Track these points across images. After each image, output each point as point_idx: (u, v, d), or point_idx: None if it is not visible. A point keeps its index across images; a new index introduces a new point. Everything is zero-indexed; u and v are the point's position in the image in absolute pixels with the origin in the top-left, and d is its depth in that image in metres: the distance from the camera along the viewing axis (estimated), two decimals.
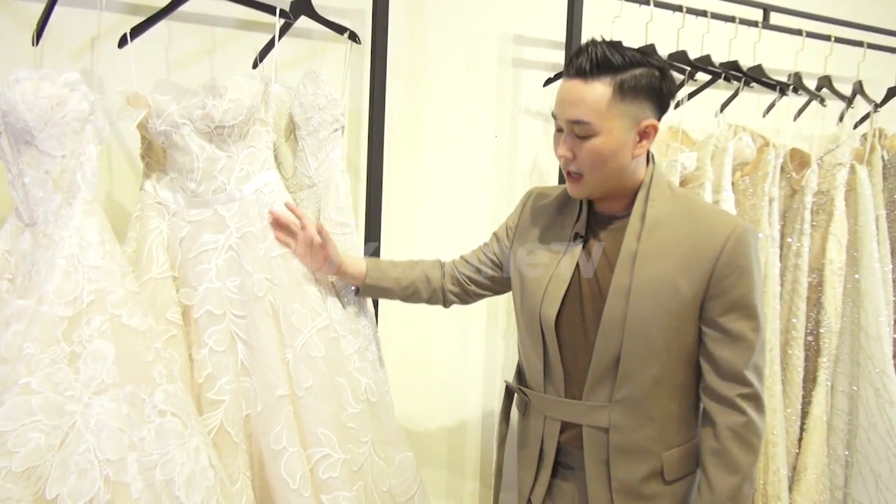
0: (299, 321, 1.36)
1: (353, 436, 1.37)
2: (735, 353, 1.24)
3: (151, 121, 1.36)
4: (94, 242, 1.21)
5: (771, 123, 2.45)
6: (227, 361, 1.35)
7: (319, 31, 1.81)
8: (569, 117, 1.24)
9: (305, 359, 1.34)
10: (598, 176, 1.26)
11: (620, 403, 1.27)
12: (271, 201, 1.43)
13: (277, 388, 1.33)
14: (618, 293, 1.25)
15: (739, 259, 1.23)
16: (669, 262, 1.24)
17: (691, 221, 1.26)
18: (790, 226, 2.27)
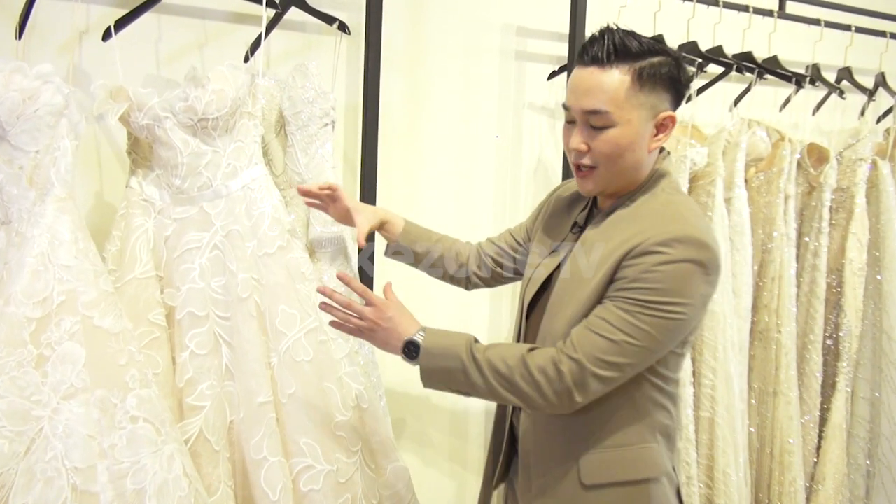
0: (284, 324, 1.30)
1: (343, 445, 1.31)
2: (588, 319, 1.13)
3: (133, 114, 1.32)
4: (66, 241, 1.16)
5: (789, 118, 2.36)
6: (209, 365, 1.31)
7: (314, 24, 1.77)
8: (585, 107, 1.16)
9: (290, 364, 1.29)
10: (612, 169, 1.18)
11: None
12: (259, 197, 1.38)
13: (259, 394, 1.27)
14: (553, 279, 1.24)
15: (655, 248, 1.10)
16: (597, 254, 1.17)
17: (643, 218, 1.17)
18: (808, 224, 2.18)
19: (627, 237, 1.14)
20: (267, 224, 1.36)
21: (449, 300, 2.07)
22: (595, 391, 1.13)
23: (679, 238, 1.11)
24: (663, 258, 1.10)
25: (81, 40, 1.60)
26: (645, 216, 1.17)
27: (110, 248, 1.35)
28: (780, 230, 2.02)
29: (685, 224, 1.14)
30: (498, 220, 2.15)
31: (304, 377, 1.29)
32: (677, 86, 1.18)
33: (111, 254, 1.35)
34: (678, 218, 1.16)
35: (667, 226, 1.13)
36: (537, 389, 1.12)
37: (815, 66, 2.23)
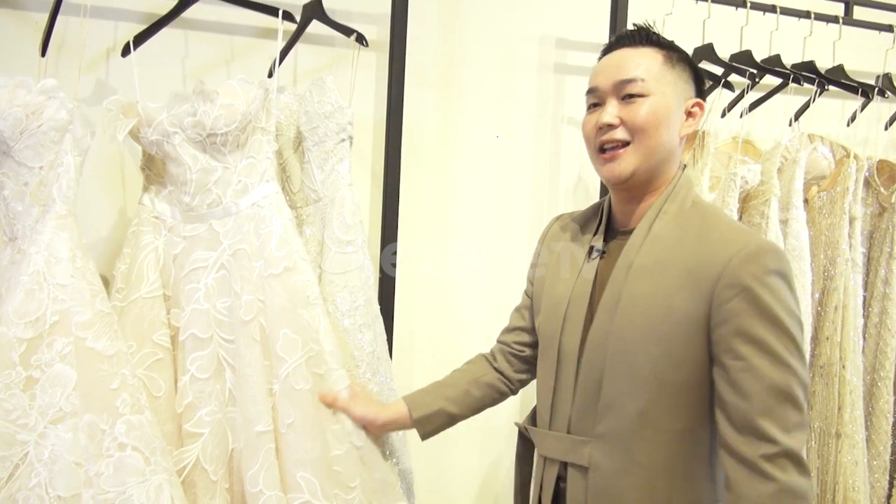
0: (285, 349, 1.24)
1: (340, 481, 1.22)
2: (743, 398, 1.02)
3: (143, 130, 1.30)
4: (63, 259, 1.13)
5: (859, 133, 2.17)
6: (210, 389, 1.26)
7: (342, 39, 1.73)
8: (618, 77, 1.13)
9: (289, 392, 1.22)
10: (647, 143, 1.11)
11: (602, 440, 1.11)
12: (268, 216, 1.32)
13: (258, 422, 1.21)
14: (605, 311, 1.11)
15: (746, 279, 1.02)
16: (665, 278, 1.07)
17: (699, 236, 1.09)
18: (877, 248, 1.99)
19: (700, 255, 1.07)
20: (274, 244, 1.31)
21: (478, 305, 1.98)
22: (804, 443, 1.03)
23: (764, 247, 1.06)
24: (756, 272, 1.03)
25: (108, 57, 1.61)
26: (701, 229, 1.10)
27: (120, 266, 1.33)
28: (845, 255, 1.84)
29: (744, 234, 1.09)
30: (533, 238, 2.04)
31: (303, 406, 1.22)
32: (698, 75, 1.19)
33: (120, 272, 1.32)
34: (736, 227, 1.12)
35: (730, 244, 1.06)
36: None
37: (887, 75, 2.05)
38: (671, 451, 1.08)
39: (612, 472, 1.09)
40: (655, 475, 1.08)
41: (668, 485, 1.08)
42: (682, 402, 1.08)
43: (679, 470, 1.09)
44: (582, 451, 1.12)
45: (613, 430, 1.10)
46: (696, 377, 1.07)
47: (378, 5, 1.78)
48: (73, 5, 1.49)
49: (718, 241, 1.07)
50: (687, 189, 1.17)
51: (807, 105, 1.99)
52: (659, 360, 1.07)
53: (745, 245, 1.05)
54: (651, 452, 1.08)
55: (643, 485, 1.08)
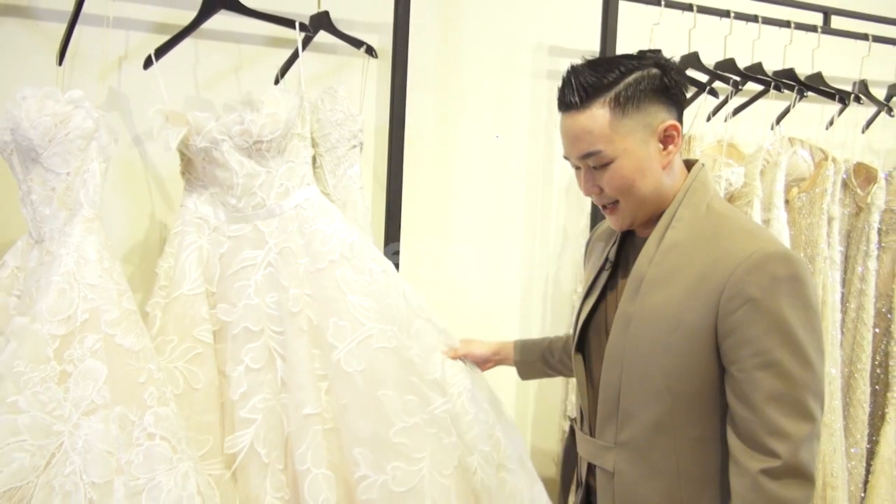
0: (335, 336, 1.32)
1: (402, 452, 1.29)
2: (749, 410, 1.02)
3: (192, 138, 1.37)
4: (92, 260, 1.20)
5: (837, 136, 2.27)
6: (262, 379, 1.34)
7: (344, 46, 1.80)
8: (578, 153, 1.13)
9: (341, 375, 1.31)
10: (632, 199, 1.13)
11: (625, 447, 1.14)
12: (312, 216, 1.41)
13: (305, 406, 1.30)
14: (620, 322, 1.13)
15: (750, 290, 1.02)
16: (675, 289, 1.08)
17: (710, 244, 1.08)
18: (855, 247, 2.09)
19: (707, 265, 1.06)
20: (318, 241, 1.39)
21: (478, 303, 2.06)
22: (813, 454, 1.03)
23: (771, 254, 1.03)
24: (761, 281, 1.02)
25: (121, 66, 1.66)
26: (712, 237, 1.09)
27: (163, 265, 1.40)
28: (824, 253, 1.94)
29: (752, 240, 1.06)
30: (528, 238, 2.14)
31: (355, 388, 1.31)
32: (666, 93, 1.11)
33: (164, 270, 1.39)
34: (747, 233, 1.09)
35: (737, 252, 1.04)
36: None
37: (863, 82, 2.15)
38: (690, 458, 1.10)
39: (635, 477, 1.13)
40: (676, 481, 1.10)
41: (688, 490, 1.10)
42: (696, 411, 1.09)
43: (698, 476, 1.10)
44: (607, 456, 1.16)
45: (633, 439, 1.12)
46: (709, 388, 1.08)
47: (379, 14, 1.85)
48: (88, 15, 1.54)
49: (726, 250, 1.06)
50: (702, 193, 1.14)
51: (787, 110, 2.08)
52: (671, 372, 1.08)
53: (750, 254, 1.03)
54: (670, 460, 1.10)
55: (664, 490, 1.11)
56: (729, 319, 1.03)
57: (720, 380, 1.07)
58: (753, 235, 1.08)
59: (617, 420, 1.14)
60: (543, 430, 2.19)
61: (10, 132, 1.22)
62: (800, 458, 1.00)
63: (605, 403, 1.15)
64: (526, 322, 2.15)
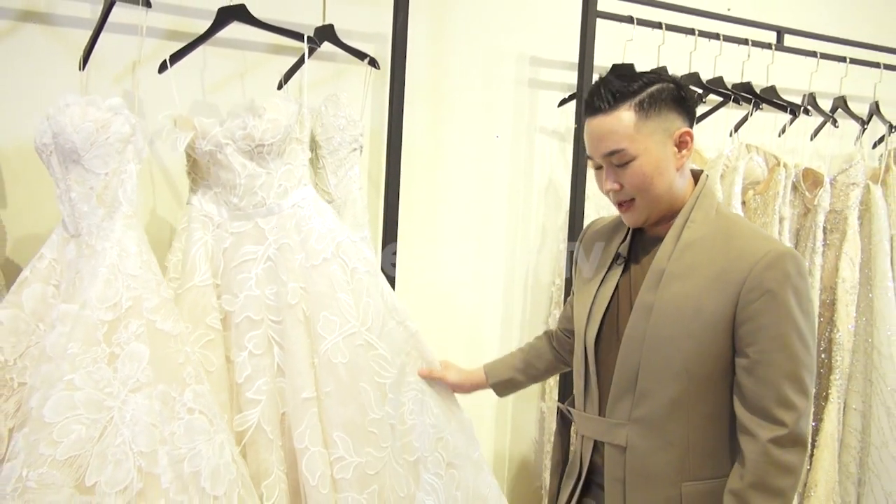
0: (325, 328, 1.45)
1: (374, 440, 1.44)
2: (762, 386, 1.17)
3: (198, 142, 1.47)
4: (132, 253, 1.32)
5: (788, 143, 2.48)
6: (264, 364, 1.45)
7: (342, 55, 1.91)
8: (603, 151, 1.25)
9: (327, 364, 1.43)
10: (648, 196, 1.25)
11: (639, 423, 1.25)
12: (308, 215, 1.52)
13: (303, 390, 1.42)
14: (640, 310, 1.24)
15: (769, 283, 1.16)
16: (695, 282, 1.21)
17: (726, 243, 1.22)
18: (803, 244, 2.31)
19: (728, 261, 1.19)
20: (314, 239, 1.50)
21: (465, 295, 2.21)
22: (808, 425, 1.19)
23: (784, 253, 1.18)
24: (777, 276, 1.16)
25: (134, 70, 1.76)
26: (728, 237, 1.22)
27: (172, 259, 1.50)
28: None
29: (768, 242, 1.22)
30: (510, 234, 2.29)
31: (338, 377, 1.43)
32: (683, 104, 1.25)
33: (173, 263, 1.50)
34: (758, 234, 1.25)
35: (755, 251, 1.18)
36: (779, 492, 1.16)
37: (812, 95, 2.37)
38: (700, 432, 1.23)
39: (648, 450, 1.24)
40: (686, 452, 1.23)
41: (696, 460, 1.23)
42: (709, 389, 1.22)
43: (705, 447, 1.23)
44: (618, 432, 1.27)
45: (649, 415, 1.23)
46: (720, 368, 1.21)
47: (375, 25, 1.98)
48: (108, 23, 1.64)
49: (744, 249, 1.20)
50: (711, 198, 1.28)
51: (744, 119, 2.29)
52: (690, 355, 1.20)
53: (767, 252, 1.18)
54: (682, 433, 1.22)
55: (675, 460, 1.23)
56: (748, 308, 1.17)
57: (731, 362, 1.21)
58: (764, 237, 1.25)
59: (633, 398, 1.25)
60: (523, 413, 2.36)
61: (53, 136, 1.32)
62: (801, 428, 1.17)
63: (620, 384, 1.26)
64: (508, 311, 2.31)
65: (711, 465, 1.24)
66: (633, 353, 1.25)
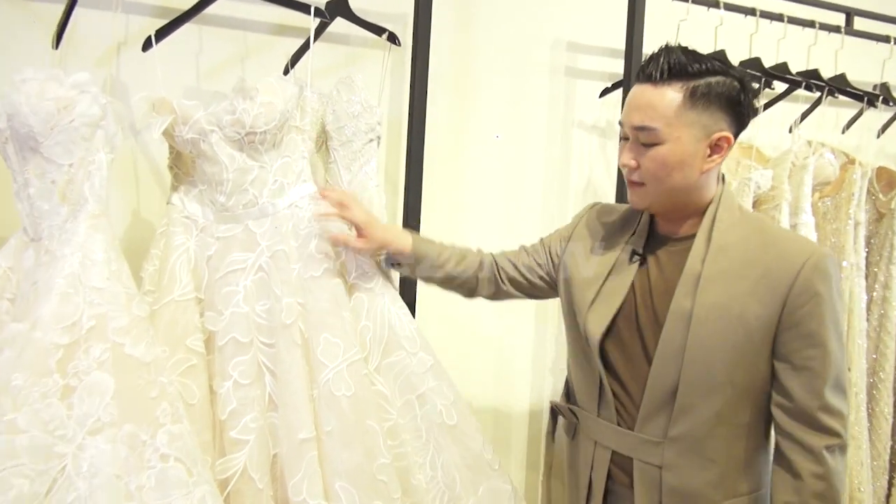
0: (326, 354, 1.21)
1: (383, 491, 1.19)
2: (809, 394, 1.12)
3: (178, 128, 1.25)
4: (98, 261, 1.08)
5: (850, 140, 2.23)
6: (252, 395, 1.22)
7: (357, 37, 1.70)
8: (634, 122, 1.16)
9: (328, 398, 1.19)
10: (660, 187, 1.17)
11: (677, 441, 1.16)
12: (307, 216, 1.30)
13: (300, 430, 1.18)
14: (677, 319, 1.15)
15: (818, 286, 1.11)
16: (736, 287, 1.13)
17: (763, 245, 1.15)
18: (876, 253, 2.04)
19: (770, 264, 1.13)
20: (314, 245, 1.28)
21: (487, 318, 1.97)
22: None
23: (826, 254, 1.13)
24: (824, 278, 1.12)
25: (120, 51, 1.55)
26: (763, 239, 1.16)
27: (148, 268, 1.28)
28: (851, 259, 1.88)
29: (807, 242, 1.18)
30: None
31: (342, 413, 1.19)
32: (737, 108, 1.15)
33: (149, 273, 1.27)
34: (792, 234, 1.22)
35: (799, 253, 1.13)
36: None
37: (885, 84, 2.11)
38: (738, 444, 1.16)
39: (687, 469, 1.16)
40: (726, 467, 1.16)
41: (736, 475, 1.16)
42: (750, 400, 1.15)
43: (744, 459, 1.17)
44: (654, 451, 1.17)
45: (689, 432, 1.15)
46: (762, 377, 1.15)
47: (395, 4, 1.76)
48: None
49: (786, 250, 1.13)
50: (732, 198, 1.22)
51: (811, 108, 2.03)
52: (734, 364, 1.13)
53: (812, 253, 1.12)
54: (722, 448, 1.16)
55: (715, 478, 1.16)
56: (797, 313, 1.11)
57: (770, 368, 1.14)
58: (799, 237, 1.22)
59: (671, 415, 1.15)
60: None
61: (7, 118, 1.09)
62: (847, 436, 1.13)
63: (655, 399, 1.17)
64: (540, 329, 2.07)
65: (750, 480, 1.18)
66: (671, 367, 1.15)
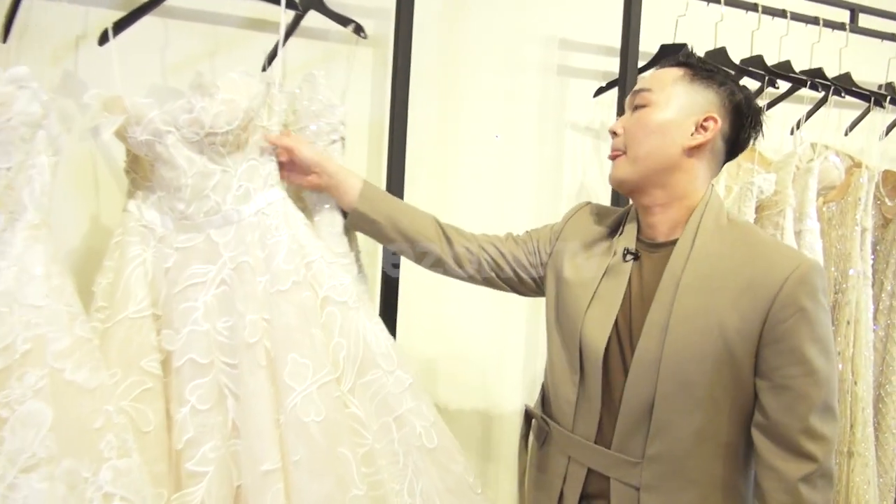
0: (294, 376, 1.10)
1: None
2: (788, 415, 1.05)
3: (131, 128, 1.14)
4: (37, 276, 0.97)
5: (853, 143, 2.14)
6: (213, 422, 1.12)
7: (337, 32, 1.60)
8: (637, 87, 1.18)
9: (296, 424, 1.08)
10: (636, 151, 1.13)
11: (655, 461, 1.10)
12: (275, 224, 1.19)
13: (264, 460, 1.07)
14: (653, 328, 1.08)
15: (802, 300, 1.05)
16: (717, 297, 1.07)
17: (749, 255, 1.09)
18: (883, 261, 1.95)
19: (754, 273, 1.07)
20: (282, 256, 1.17)
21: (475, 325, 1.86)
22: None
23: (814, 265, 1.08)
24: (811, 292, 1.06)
25: (78, 45, 1.44)
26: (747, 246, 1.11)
27: (101, 282, 1.17)
28: (857, 268, 1.79)
29: (795, 253, 1.13)
30: None
31: (311, 441, 1.09)
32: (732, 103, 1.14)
33: (102, 287, 1.16)
34: (779, 243, 1.16)
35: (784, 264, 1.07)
36: None
37: (891, 84, 2.02)
38: (720, 465, 1.10)
39: (668, 491, 1.10)
40: (708, 490, 1.10)
41: (718, 497, 1.10)
42: (732, 418, 1.09)
43: (726, 481, 1.10)
44: (631, 471, 1.11)
45: (667, 451, 1.09)
46: (744, 394, 1.08)
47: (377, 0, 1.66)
48: None
49: (771, 260, 1.07)
50: (719, 205, 1.17)
51: (815, 108, 1.94)
52: (714, 379, 1.07)
53: (798, 265, 1.06)
54: (703, 469, 1.09)
55: (696, 500, 1.09)
56: (779, 328, 1.04)
57: (752, 385, 1.08)
58: (787, 247, 1.18)
59: (647, 433, 1.09)
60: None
61: None
62: (830, 460, 1.06)
63: (630, 416, 1.10)
64: (532, 338, 1.96)
65: (731, 500, 1.12)
66: (647, 379, 1.09)
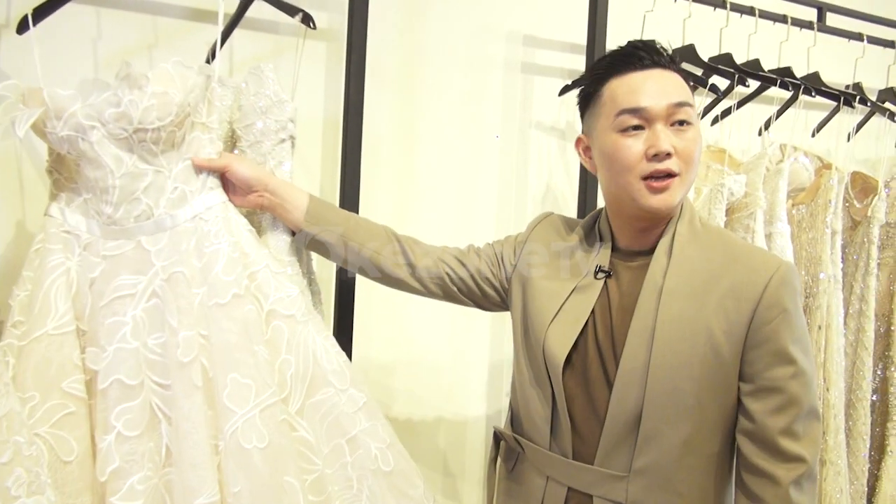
0: (234, 398, 1.00)
1: None
2: (775, 418, 1.04)
3: (50, 123, 1.03)
4: None
5: (820, 144, 2.11)
6: (142, 449, 1.01)
7: (287, 24, 1.50)
8: (673, 100, 1.05)
9: (236, 451, 0.98)
10: (691, 176, 1.09)
11: (642, 474, 1.07)
12: (214, 231, 1.09)
13: (199, 493, 0.96)
14: (637, 337, 1.06)
15: (785, 301, 1.05)
16: (702, 301, 1.06)
17: (727, 258, 1.09)
18: (852, 264, 1.92)
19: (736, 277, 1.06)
20: (221, 266, 1.07)
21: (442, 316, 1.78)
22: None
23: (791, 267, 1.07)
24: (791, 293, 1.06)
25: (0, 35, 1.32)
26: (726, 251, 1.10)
27: (19, 294, 1.06)
28: (828, 271, 1.75)
29: (770, 255, 1.12)
30: None
31: (253, 470, 0.99)
32: None
33: (19, 300, 1.05)
34: (754, 247, 1.16)
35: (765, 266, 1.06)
36: None
37: (858, 84, 1.99)
38: (707, 475, 1.08)
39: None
40: (696, 502, 1.08)
41: None
42: (719, 428, 1.08)
43: (713, 491, 1.09)
44: (617, 486, 1.07)
45: (655, 463, 1.06)
46: (731, 400, 1.07)
47: None
48: None
49: (750, 263, 1.07)
50: (692, 210, 1.15)
51: (785, 106, 1.90)
52: (703, 386, 1.05)
53: (778, 267, 1.06)
54: (691, 480, 1.07)
55: None
56: (764, 329, 1.04)
57: (737, 390, 1.07)
58: (761, 250, 1.16)
59: (634, 446, 1.06)
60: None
61: None
62: (817, 462, 1.06)
63: (617, 427, 1.07)
64: (497, 346, 1.89)
65: None
66: (634, 389, 1.06)
